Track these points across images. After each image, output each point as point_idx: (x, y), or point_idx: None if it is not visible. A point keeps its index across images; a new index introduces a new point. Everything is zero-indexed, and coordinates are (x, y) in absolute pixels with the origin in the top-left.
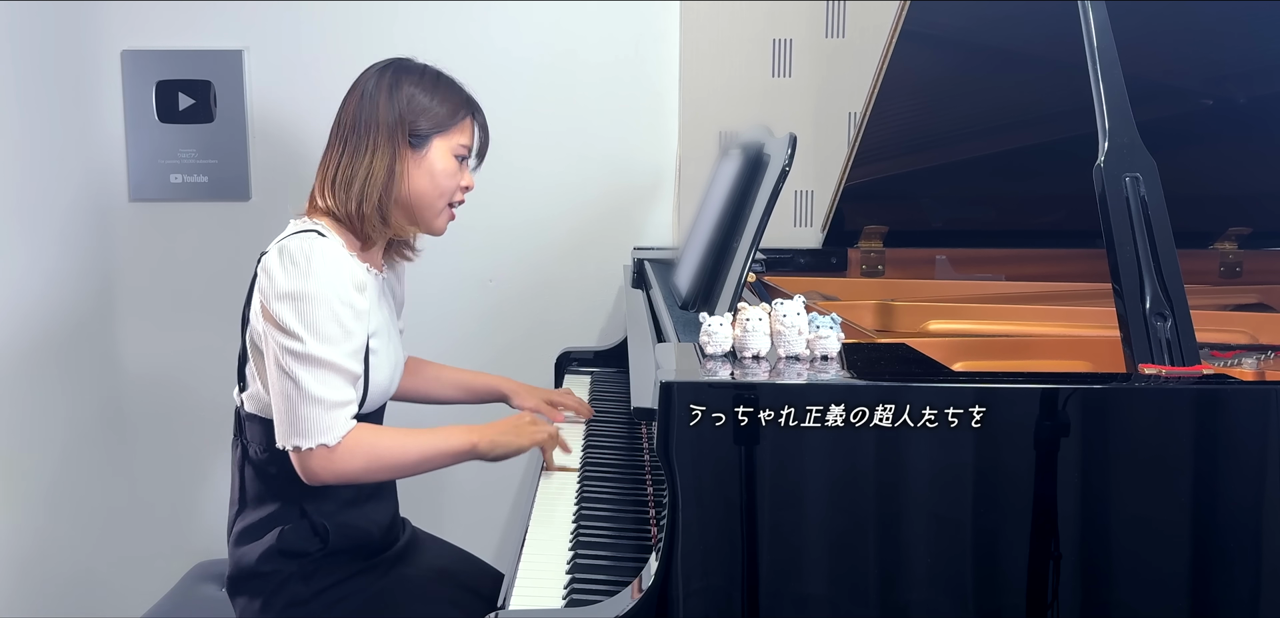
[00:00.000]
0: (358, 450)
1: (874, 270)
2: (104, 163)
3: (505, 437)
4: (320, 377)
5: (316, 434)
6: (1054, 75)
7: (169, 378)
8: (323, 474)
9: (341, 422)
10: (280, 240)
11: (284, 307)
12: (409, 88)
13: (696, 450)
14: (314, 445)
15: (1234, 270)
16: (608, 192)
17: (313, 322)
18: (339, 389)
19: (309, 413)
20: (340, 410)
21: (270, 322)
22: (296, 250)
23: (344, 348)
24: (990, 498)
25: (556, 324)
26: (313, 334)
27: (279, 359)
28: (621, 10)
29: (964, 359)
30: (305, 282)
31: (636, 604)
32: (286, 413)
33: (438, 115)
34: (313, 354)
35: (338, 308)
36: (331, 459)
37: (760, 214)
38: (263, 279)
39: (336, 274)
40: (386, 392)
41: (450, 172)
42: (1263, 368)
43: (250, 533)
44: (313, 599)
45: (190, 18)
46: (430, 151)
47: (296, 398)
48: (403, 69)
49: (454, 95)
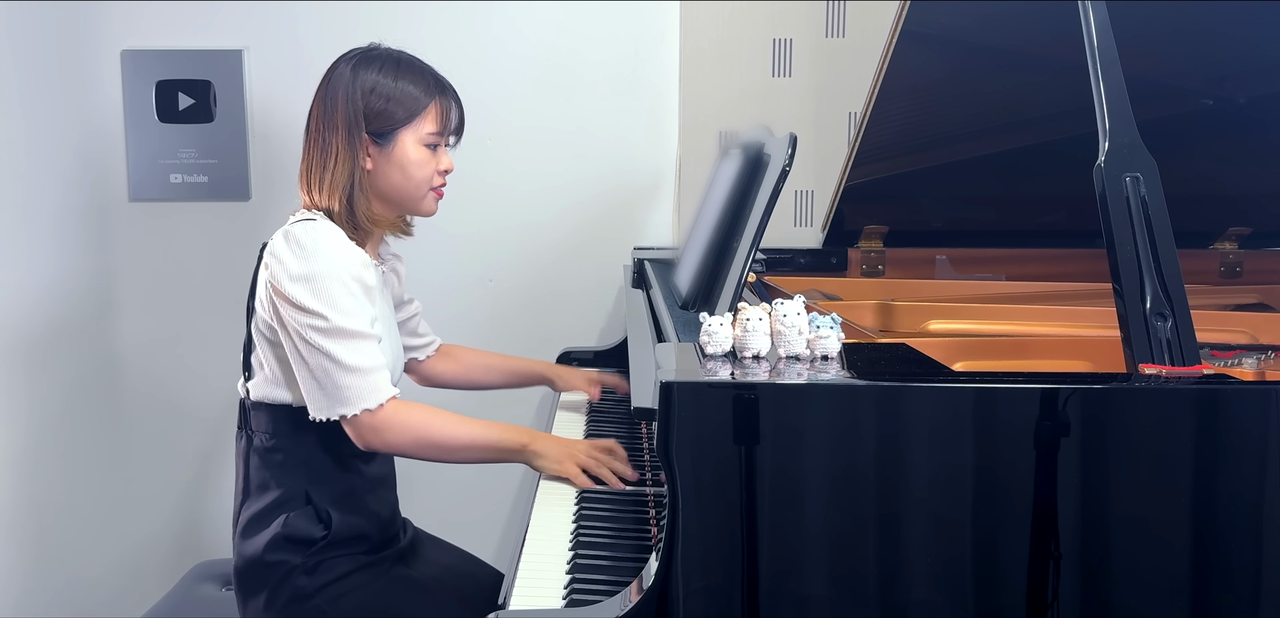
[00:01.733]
0: (408, 426)
1: (874, 270)
2: (104, 163)
3: (555, 451)
4: (351, 346)
5: (360, 400)
6: (1054, 75)
7: (169, 378)
8: (373, 441)
9: (382, 385)
10: (284, 228)
11: (299, 288)
12: (371, 81)
13: (696, 450)
14: (358, 411)
15: (1234, 270)
16: (608, 191)
17: (330, 297)
18: (371, 355)
19: (348, 381)
20: (377, 374)
21: (289, 305)
22: (302, 234)
23: (365, 316)
24: (990, 498)
25: (556, 324)
26: (334, 308)
27: (306, 338)
28: (621, 10)
29: (964, 359)
30: (315, 261)
31: (636, 604)
32: (325, 387)
33: (400, 109)
34: (339, 326)
35: (349, 282)
36: (378, 426)
37: (760, 214)
38: (272, 264)
39: (342, 250)
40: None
41: (421, 161)
42: (1263, 368)
43: (256, 523)
44: (316, 594)
45: (190, 18)
46: (397, 146)
47: (334, 370)
48: (366, 61)
49: (417, 83)
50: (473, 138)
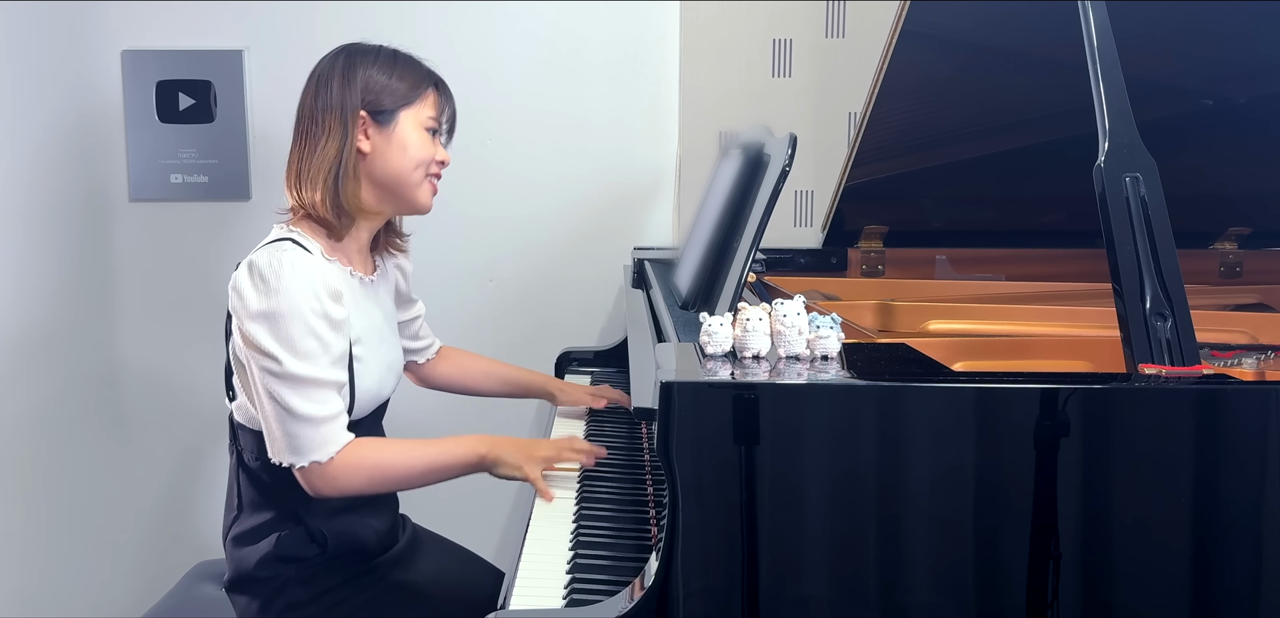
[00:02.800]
0: (361, 467)
1: (874, 270)
2: (104, 163)
3: (514, 456)
4: (305, 393)
5: (309, 451)
6: (1054, 75)
7: (169, 378)
8: (324, 489)
9: (335, 436)
10: (251, 256)
11: (257, 327)
12: (365, 70)
13: (696, 450)
14: (308, 463)
15: (1234, 270)
16: (608, 191)
17: (288, 339)
18: (326, 403)
19: (298, 431)
20: (330, 425)
21: (247, 343)
22: (265, 266)
23: (324, 361)
24: (990, 498)
25: (557, 324)
26: (290, 352)
27: (262, 380)
28: (621, 10)
29: (964, 359)
30: (276, 299)
31: (636, 604)
32: (278, 432)
33: (399, 90)
34: (293, 373)
35: (313, 320)
36: (330, 476)
37: (760, 214)
38: (234, 300)
39: (307, 286)
40: (375, 398)
41: (421, 142)
42: (1263, 368)
43: (247, 537)
44: (311, 602)
45: (190, 18)
46: (398, 126)
47: (286, 418)
48: (357, 53)
49: (413, 70)
50: (473, 137)
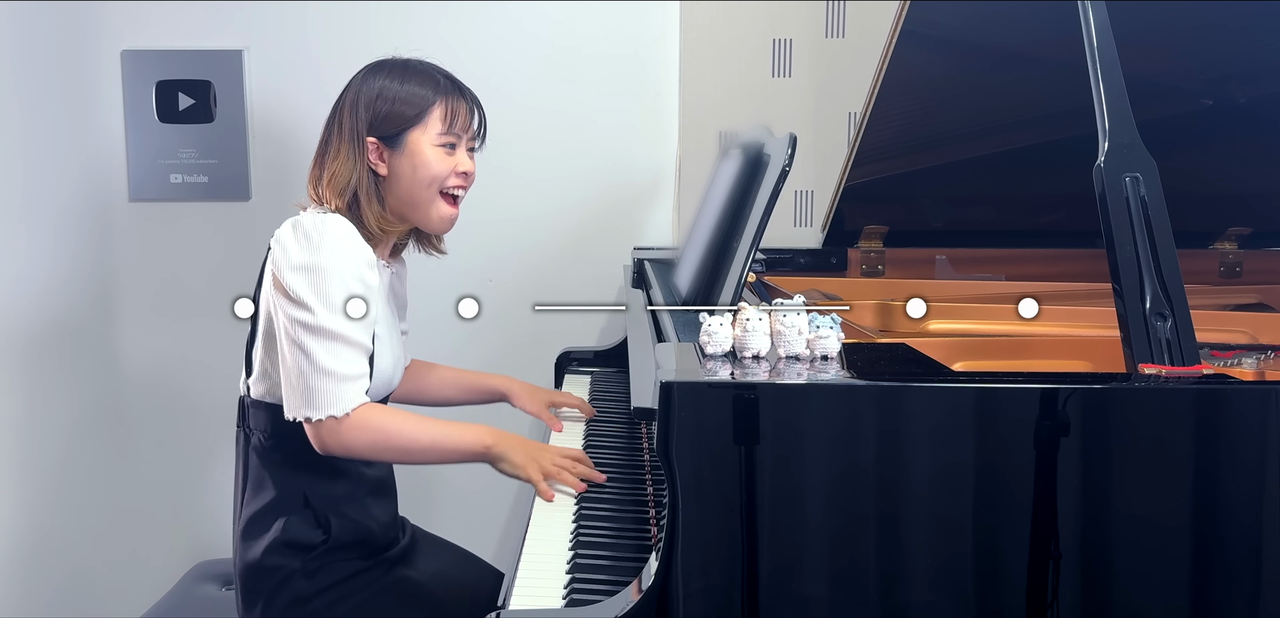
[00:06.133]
0: (367, 426)
1: (874, 270)
2: (104, 163)
3: (518, 455)
4: (332, 349)
5: (326, 405)
6: (1054, 75)
7: (169, 378)
8: (331, 445)
9: (352, 394)
10: (294, 219)
11: (298, 278)
12: (377, 86)
13: (696, 450)
14: (323, 416)
15: (1234, 270)
16: (608, 191)
17: (326, 293)
18: (351, 362)
19: (320, 384)
20: (352, 384)
21: (283, 293)
22: (310, 225)
23: (354, 322)
24: (990, 498)
25: (556, 324)
26: (325, 305)
27: (290, 331)
28: (621, 10)
29: (964, 359)
30: (319, 254)
31: (636, 604)
32: (298, 384)
33: (407, 109)
34: (325, 326)
35: (350, 281)
36: (340, 432)
37: (760, 214)
38: (276, 251)
39: (349, 250)
40: (388, 385)
41: (430, 163)
42: (1263, 368)
43: (255, 524)
44: (315, 598)
45: (190, 18)
46: (407, 146)
47: (308, 369)
48: (375, 67)
49: (423, 83)
50: None
